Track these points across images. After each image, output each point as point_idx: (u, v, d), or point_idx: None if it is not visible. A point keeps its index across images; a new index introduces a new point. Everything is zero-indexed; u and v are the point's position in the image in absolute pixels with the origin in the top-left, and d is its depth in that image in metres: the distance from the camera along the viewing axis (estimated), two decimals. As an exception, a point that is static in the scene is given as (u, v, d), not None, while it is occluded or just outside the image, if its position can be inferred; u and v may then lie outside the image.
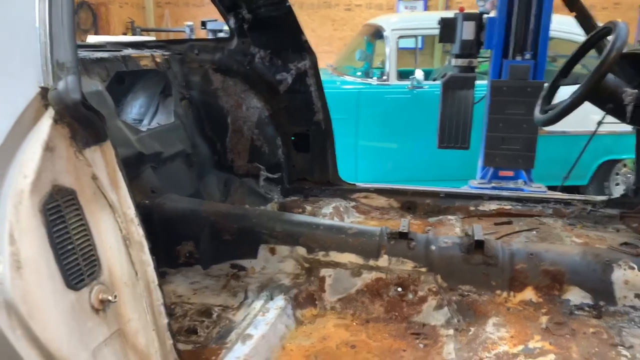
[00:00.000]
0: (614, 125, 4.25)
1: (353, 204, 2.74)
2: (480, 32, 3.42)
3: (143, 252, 1.08)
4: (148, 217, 1.86)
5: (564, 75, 2.21)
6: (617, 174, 4.87)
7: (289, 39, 2.58)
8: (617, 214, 2.47)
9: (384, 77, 4.71)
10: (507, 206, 2.60)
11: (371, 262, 1.87)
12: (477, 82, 3.65)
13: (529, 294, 1.73)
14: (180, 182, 2.42)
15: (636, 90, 1.87)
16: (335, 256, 1.90)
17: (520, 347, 1.51)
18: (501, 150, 3.49)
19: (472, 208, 2.64)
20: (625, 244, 1.79)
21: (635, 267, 1.66)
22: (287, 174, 2.81)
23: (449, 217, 2.61)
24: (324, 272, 1.89)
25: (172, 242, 2.01)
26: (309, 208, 2.62)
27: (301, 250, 1.93)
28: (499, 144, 3.48)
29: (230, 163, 2.78)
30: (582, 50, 2.16)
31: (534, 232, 2.31)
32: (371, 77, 4.87)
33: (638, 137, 2.47)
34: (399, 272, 1.84)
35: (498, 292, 1.75)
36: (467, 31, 3.41)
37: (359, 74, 5.19)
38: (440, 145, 3.66)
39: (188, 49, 2.67)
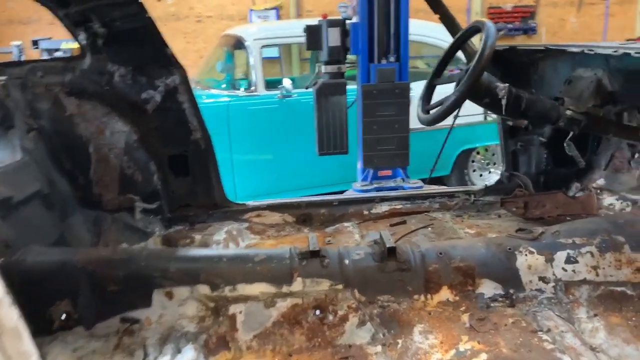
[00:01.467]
0: (467, 118, 4.70)
1: (246, 225, 2.56)
2: (345, 38, 3.46)
3: (21, 341, 0.81)
4: (6, 280, 1.49)
5: (437, 75, 2.29)
6: (473, 161, 5.33)
7: (151, 53, 2.32)
8: (496, 201, 2.64)
9: (252, 88, 4.57)
10: (398, 206, 2.63)
11: (284, 289, 1.72)
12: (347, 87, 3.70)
13: (445, 294, 1.72)
14: (40, 229, 2.03)
15: (507, 85, 1.98)
16: (244, 289, 1.71)
17: (452, 352, 1.48)
18: (378, 151, 3.57)
19: (365, 212, 2.62)
20: (520, 230, 1.88)
21: (535, 250, 1.74)
22: (167, 202, 2.53)
23: (345, 224, 2.56)
24: (233, 308, 1.69)
25: (42, 304, 1.65)
26: (198, 237, 2.39)
27: (203, 289, 1.71)
28: (375, 146, 3.56)
29: (98, 198, 2.42)
30: (452, 50, 2.26)
31: (429, 228, 2.36)
32: (238, 89, 4.71)
33: (504, 128, 2.67)
34: (315, 293, 1.72)
35: (416, 296, 1.72)
36: (332, 38, 3.43)
37: (224, 86, 5.00)
38: (321, 152, 3.64)
39: (29, 72, 2.25)
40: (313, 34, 3.49)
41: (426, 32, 4.75)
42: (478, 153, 5.37)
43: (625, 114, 2.22)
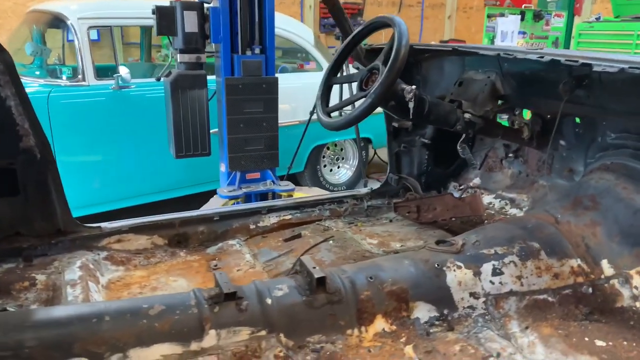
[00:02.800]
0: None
1: (104, 254, 2.04)
2: (204, 23, 3.03)
3: None
4: None
5: (334, 74, 2.08)
6: (324, 157, 5.31)
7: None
8: (383, 205, 2.55)
9: (79, 77, 3.80)
10: (287, 216, 2.37)
11: (194, 346, 1.33)
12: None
13: (380, 323, 1.53)
14: None
15: (414, 87, 1.86)
16: (140, 355, 1.28)
17: (412, 398, 1.29)
18: (245, 152, 3.24)
19: (252, 226, 2.30)
20: (440, 242, 1.78)
21: (462, 265, 1.65)
22: (-14, 232, 1.87)
23: (230, 242, 2.22)
24: (126, 385, 1.25)
25: None
26: (41, 278, 1.81)
27: None
28: (243, 146, 3.22)
29: None
30: (349, 47, 2.06)
31: (330, 242, 2.15)
32: (60, 77, 3.88)
33: (388, 130, 2.58)
34: (233, 346, 1.37)
35: (349, 331, 1.49)
36: (189, 22, 2.97)
37: (37, 72, 4.09)
38: (178, 155, 3.15)
39: None
40: (165, 17, 2.97)
41: (278, 23, 4.51)
42: (328, 149, 5.36)
43: (508, 116, 2.30)
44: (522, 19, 5.42)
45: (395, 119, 2.51)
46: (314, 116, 4.59)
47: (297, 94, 4.91)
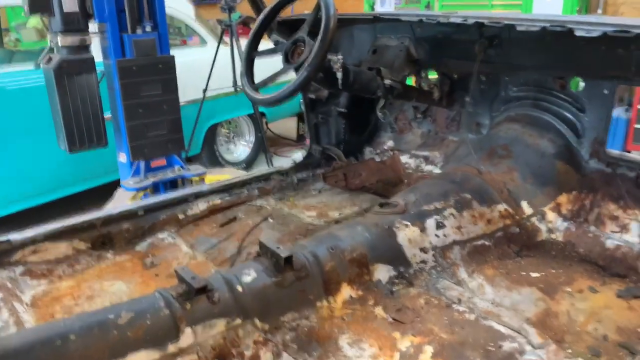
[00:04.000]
0: (212, 91, 4.46)
1: (20, 269, 1.81)
2: (85, 0, 2.72)
3: None
4: None
5: (254, 47, 2.01)
6: (219, 135, 5.15)
7: None
8: (309, 177, 2.57)
9: None
10: (217, 200, 2.28)
11: (172, 348, 1.26)
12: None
13: (346, 291, 1.56)
14: None
15: (341, 57, 1.87)
16: None
17: (397, 356, 1.35)
18: (147, 139, 3.02)
19: (181, 216, 2.19)
20: (383, 204, 1.85)
21: (409, 223, 1.74)
22: None
23: (160, 235, 2.10)
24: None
25: None
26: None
27: None
28: (144, 133, 3.00)
29: None
30: (269, 17, 2.00)
31: (270, 220, 2.13)
32: None
33: (305, 102, 2.58)
34: (211, 341, 1.32)
35: (319, 304, 1.51)
36: (68, 0, 2.65)
37: None
38: (72, 149, 2.84)
39: None
40: (36, -7, 2.61)
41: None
42: (223, 127, 5.21)
43: (416, 78, 2.43)
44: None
45: (311, 90, 2.51)
46: (208, 94, 4.44)
47: (183, 72, 4.61)
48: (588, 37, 1.38)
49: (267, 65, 1.88)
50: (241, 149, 5.35)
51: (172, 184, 3.14)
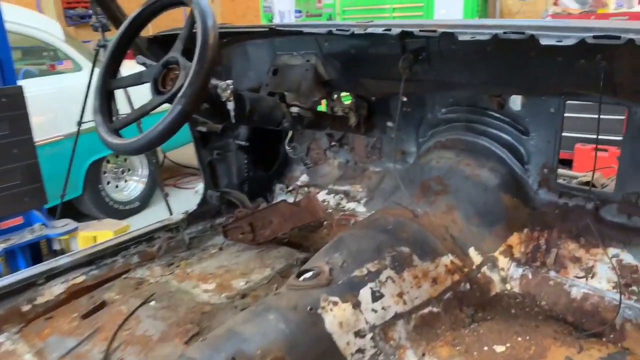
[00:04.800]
0: (91, 122, 3.79)
1: None
2: None
3: None
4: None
5: (112, 76, 1.49)
6: (105, 172, 4.45)
7: None
8: (206, 230, 2.07)
9: None
10: (78, 278, 1.71)
11: None
12: None
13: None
14: None
15: (230, 81, 1.42)
16: None
17: None
18: (-6, 193, 2.35)
19: (26, 307, 1.60)
20: (301, 273, 1.39)
21: (338, 299, 1.30)
22: None
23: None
24: None
25: None
26: None
27: None
28: (-11, 186, 2.32)
29: None
30: (127, 37, 1.49)
31: (152, 302, 1.59)
32: None
33: (195, 136, 2.09)
34: None
35: None
36: None
37: None
38: None
39: None
40: None
41: (9, 16, 3.49)
42: (108, 162, 4.50)
43: (327, 102, 2.03)
44: (295, -3, 5.34)
45: (200, 122, 2.02)
46: (85, 126, 3.76)
47: (53, 102, 3.95)
48: (551, 47, 1.04)
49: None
50: (133, 186, 4.65)
51: (33, 249, 2.47)
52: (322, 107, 2.08)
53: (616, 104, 1.43)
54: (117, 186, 4.58)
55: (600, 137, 4.03)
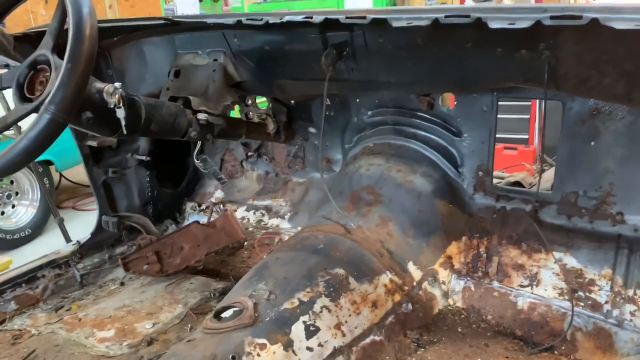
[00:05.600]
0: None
1: None
2: None
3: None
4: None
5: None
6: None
7: None
8: (103, 262, 1.76)
9: None
10: None
11: None
12: None
13: None
14: None
15: (118, 84, 1.16)
16: None
17: None
18: None
19: None
20: (220, 312, 1.15)
21: (266, 342, 1.08)
22: None
23: None
24: None
25: None
26: None
27: None
28: None
29: None
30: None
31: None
32: None
33: (84, 153, 1.77)
34: None
35: None
36: None
37: None
38: None
39: None
40: None
41: None
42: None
43: (240, 107, 1.81)
44: (200, 0, 5.00)
45: (89, 136, 1.71)
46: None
47: None
48: (490, 36, 0.90)
49: None
50: (23, 212, 4.09)
51: None
52: (235, 113, 1.86)
53: (550, 98, 1.35)
54: (2, 213, 4.01)
55: (508, 135, 4.14)
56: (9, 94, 1.20)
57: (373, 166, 1.63)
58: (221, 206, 2.02)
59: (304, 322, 1.16)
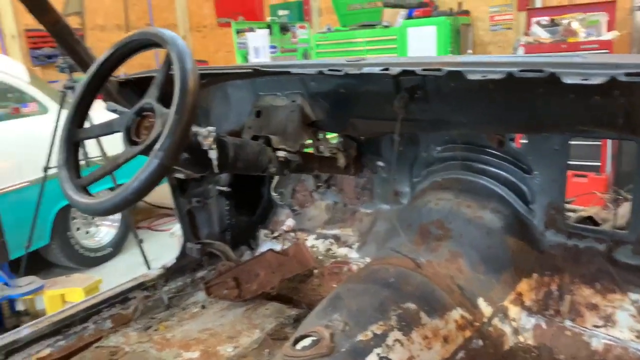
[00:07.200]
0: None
1: None
2: None
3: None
4: None
5: (79, 125, 1.34)
6: (74, 218, 4.20)
7: None
8: (186, 286, 1.89)
9: None
10: (43, 352, 1.51)
11: None
12: None
13: None
14: None
15: (212, 128, 1.29)
16: None
17: None
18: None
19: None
20: (297, 340, 1.24)
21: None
22: None
23: None
24: None
25: None
26: None
27: None
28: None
29: None
30: (96, 81, 1.35)
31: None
32: None
33: (172, 184, 1.93)
34: None
35: None
36: None
37: None
38: None
39: None
40: None
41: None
42: (77, 206, 4.26)
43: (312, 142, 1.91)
44: (271, 33, 5.27)
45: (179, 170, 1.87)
46: (50, 172, 3.55)
47: (17, 147, 3.75)
48: (578, 86, 0.94)
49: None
50: (104, 231, 4.41)
51: (-7, 311, 2.25)
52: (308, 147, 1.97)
53: (624, 138, 1.35)
54: (87, 232, 4.35)
55: (578, 162, 4.04)
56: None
57: (442, 201, 1.68)
58: (292, 234, 2.12)
59: (378, 354, 1.21)
